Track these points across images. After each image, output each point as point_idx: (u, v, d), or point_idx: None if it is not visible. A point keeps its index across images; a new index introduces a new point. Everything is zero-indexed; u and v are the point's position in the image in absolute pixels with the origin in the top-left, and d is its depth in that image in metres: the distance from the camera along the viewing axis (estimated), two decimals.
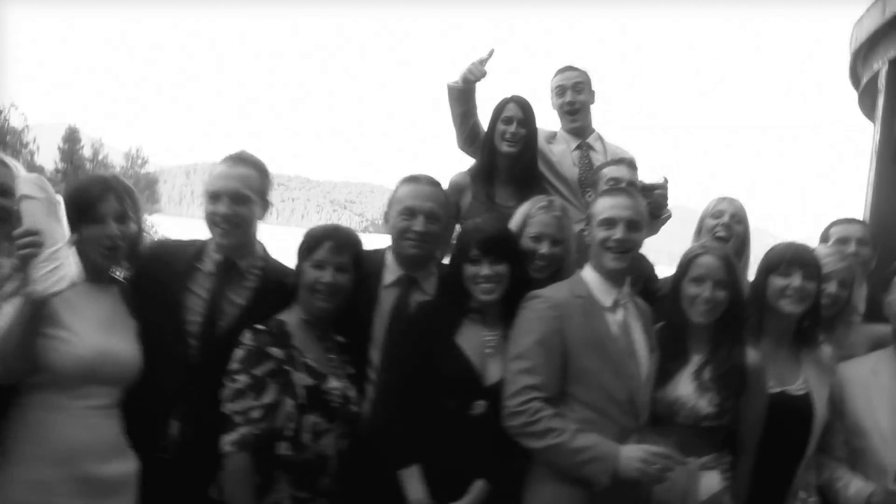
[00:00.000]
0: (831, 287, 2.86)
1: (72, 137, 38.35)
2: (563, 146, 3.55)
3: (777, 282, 2.62)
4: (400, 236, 2.63)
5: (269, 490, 2.28)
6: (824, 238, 3.32)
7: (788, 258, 2.63)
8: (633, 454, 2.23)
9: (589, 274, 2.51)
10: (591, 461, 2.24)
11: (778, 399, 2.58)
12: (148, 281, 2.42)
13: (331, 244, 2.42)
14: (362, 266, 2.56)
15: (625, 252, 2.45)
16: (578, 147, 3.56)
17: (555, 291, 2.46)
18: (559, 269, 2.69)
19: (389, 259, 2.70)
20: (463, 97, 3.29)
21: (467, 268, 2.44)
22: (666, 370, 2.52)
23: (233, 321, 2.42)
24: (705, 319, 2.48)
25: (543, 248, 2.69)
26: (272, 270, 2.56)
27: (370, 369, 2.58)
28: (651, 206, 3.30)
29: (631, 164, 3.20)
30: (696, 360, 2.52)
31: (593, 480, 2.23)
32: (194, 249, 2.51)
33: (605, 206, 2.50)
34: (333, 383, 2.39)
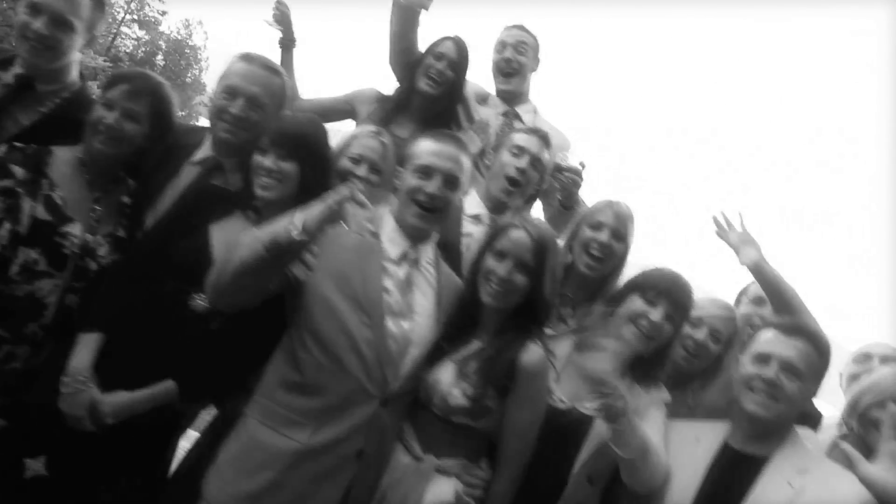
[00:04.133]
0: (699, 333, 2.38)
1: None
2: (491, 110, 3.20)
3: (636, 304, 2.21)
4: (216, 116, 2.40)
5: None
6: (742, 293, 2.79)
7: (662, 288, 2.24)
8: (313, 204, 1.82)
9: (387, 217, 2.18)
10: (273, 227, 1.85)
11: (564, 416, 2.15)
12: None
13: (126, 87, 2.26)
14: (169, 128, 2.39)
15: (432, 211, 2.11)
16: (504, 114, 3.20)
17: None
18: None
19: (208, 138, 2.49)
20: (404, 15, 3.03)
21: (255, 157, 2.23)
22: (440, 350, 2.13)
23: (6, 138, 2.28)
24: (494, 302, 2.09)
25: (360, 171, 2.45)
26: (78, 105, 2.41)
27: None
28: (562, 193, 2.90)
29: (544, 139, 2.77)
30: (474, 346, 2.12)
31: (280, 238, 1.80)
32: (3, 57, 2.39)
33: (425, 150, 2.15)
34: (76, 231, 2.21)
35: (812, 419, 2.62)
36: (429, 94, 2.94)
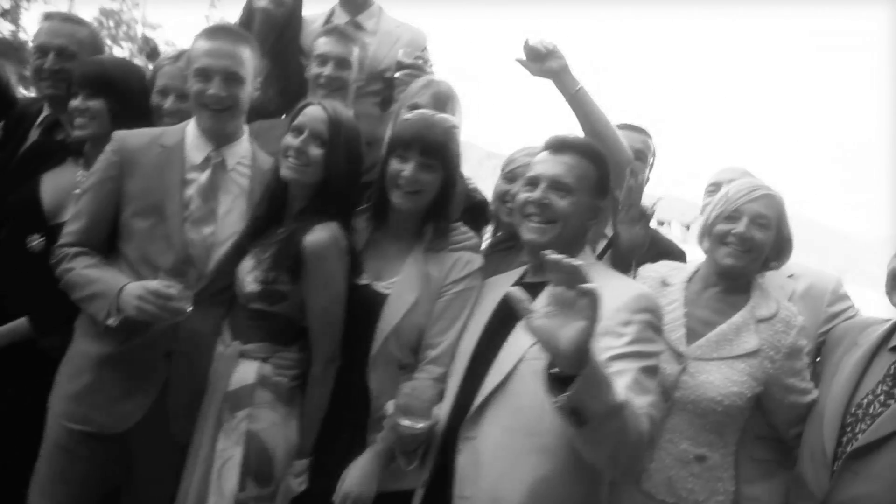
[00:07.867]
0: (515, 187, 2.33)
1: None
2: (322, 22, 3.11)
3: (392, 166, 2.09)
4: (36, 77, 2.63)
5: None
6: None
7: (407, 139, 2.08)
8: (132, 291, 1.95)
9: (191, 126, 2.24)
10: (94, 297, 2.02)
11: (361, 292, 2.11)
12: None
13: None
14: (9, 98, 2.75)
15: (222, 111, 2.15)
16: (347, 24, 3.14)
17: (138, 136, 2.19)
18: None
19: None
20: None
21: (71, 103, 2.40)
22: (243, 247, 2.17)
23: None
24: (291, 175, 2.08)
25: (168, 103, 2.50)
26: None
27: None
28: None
29: (343, 35, 2.69)
30: (276, 233, 2.14)
31: (98, 318, 2.00)
32: None
33: (199, 50, 2.14)
34: None
35: (675, 255, 2.51)
36: (268, 11, 2.88)
